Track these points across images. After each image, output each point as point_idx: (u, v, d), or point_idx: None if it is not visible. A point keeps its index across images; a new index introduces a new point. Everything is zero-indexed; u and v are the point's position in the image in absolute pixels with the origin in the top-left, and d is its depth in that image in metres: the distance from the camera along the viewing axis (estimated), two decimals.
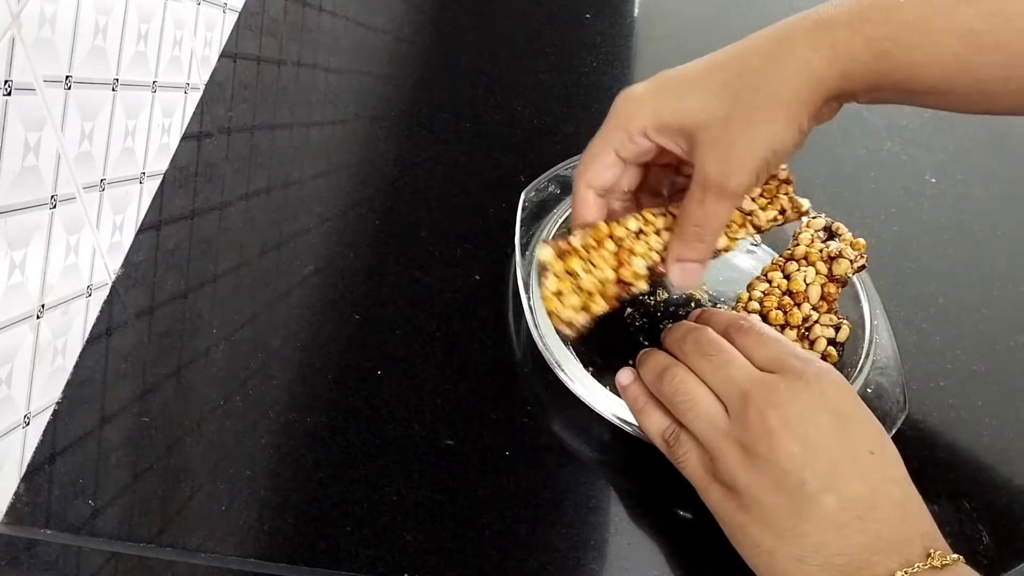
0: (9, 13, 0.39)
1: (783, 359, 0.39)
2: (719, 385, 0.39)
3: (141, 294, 0.52)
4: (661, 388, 0.41)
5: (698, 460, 0.40)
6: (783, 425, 0.36)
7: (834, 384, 0.38)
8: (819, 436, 0.36)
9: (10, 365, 0.43)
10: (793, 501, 0.36)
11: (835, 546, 0.35)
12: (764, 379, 0.38)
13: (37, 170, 0.43)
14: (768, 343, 0.40)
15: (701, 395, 0.40)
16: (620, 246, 0.43)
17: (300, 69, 0.69)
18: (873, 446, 0.37)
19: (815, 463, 0.36)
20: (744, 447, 0.37)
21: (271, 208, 0.59)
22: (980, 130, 0.68)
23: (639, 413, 0.43)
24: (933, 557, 0.34)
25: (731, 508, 0.38)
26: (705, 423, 0.39)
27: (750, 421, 0.37)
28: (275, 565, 0.42)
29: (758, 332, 0.41)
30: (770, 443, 0.36)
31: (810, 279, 0.49)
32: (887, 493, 0.36)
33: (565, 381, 0.47)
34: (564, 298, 0.43)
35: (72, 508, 0.43)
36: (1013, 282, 0.57)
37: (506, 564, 0.42)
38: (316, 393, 0.49)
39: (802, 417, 0.36)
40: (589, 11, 0.76)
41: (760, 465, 0.36)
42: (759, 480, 0.36)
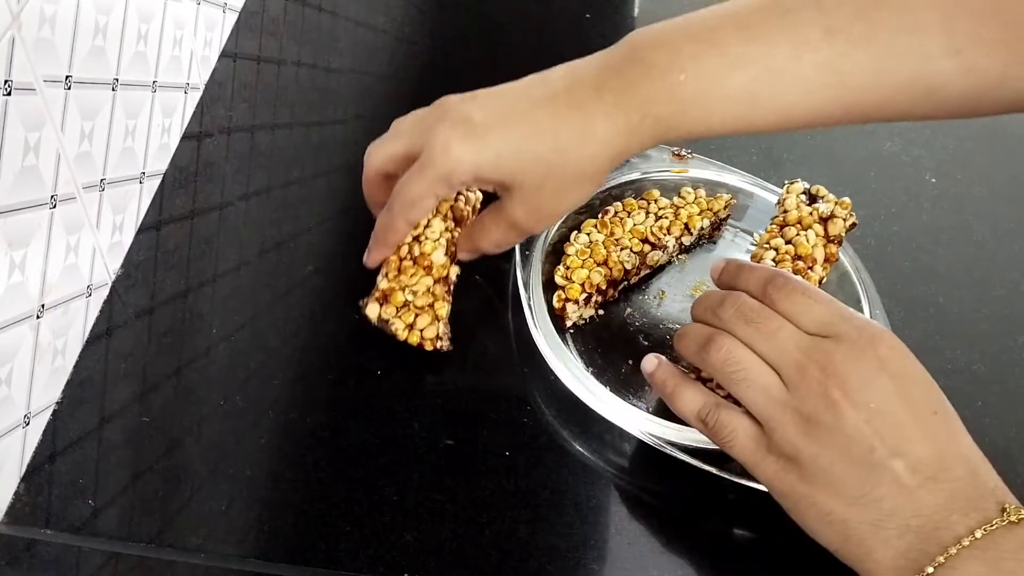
0: (9, 13, 0.39)
1: (834, 322, 0.38)
2: (771, 354, 0.39)
3: (141, 294, 0.52)
4: (708, 357, 0.40)
5: (747, 434, 0.39)
6: (845, 394, 0.36)
7: (889, 346, 0.38)
8: (882, 401, 0.36)
9: (10, 365, 0.43)
10: (863, 469, 0.35)
11: (910, 509, 0.35)
12: (819, 346, 0.38)
13: (37, 170, 0.43)
14: (813, 305, 0.39)
15: (753, 363, 0.39)
16: (418, 257, 0.49)
17: (300, 69, 0.69)
18: (936, 406, 0.37)
19: (882, 429, 0.36)
20: (804, 417, 0.37)
21: (271, 208, 0.59)
22: (980, 130, 0.68)
23: (672, 395, 0.42)
24: (1009, 512, 0.34)
25: (792, 480, 0.37)
26: (760, 392, 0.38)
27: (810, 391, 0.37)
28: (275, 565, 0.42)
29: (803, 293, 0.40)
30: (834, 413, 0.36)
31: (812, 241, 0.50)
32: (956, 452, 0.36)
33: (565, 381, 0.47)
34: (417, 326, 0.48)
35: (72, 508, 0.43)
36: (1013, 282, 0.57)
37: (506, 564, 0.42)
38: (316, 393, 0.49)
39: (863, 383, 0.36)
40: (589, 11, 0.76)
41: (824, 435, 0.36)
42: (825, 450, 0.36)
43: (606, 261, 0.52)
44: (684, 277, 0.56)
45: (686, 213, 0.55)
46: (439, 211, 0.53)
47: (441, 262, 0.50)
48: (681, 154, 0.59)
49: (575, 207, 0.45)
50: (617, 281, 0.53)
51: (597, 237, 0.54)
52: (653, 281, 0.55)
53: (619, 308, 0.53)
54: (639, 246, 0.53)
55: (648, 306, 0.54)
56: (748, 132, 0.40)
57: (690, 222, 0.55)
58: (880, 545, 0.35)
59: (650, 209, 0.56)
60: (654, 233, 0.54)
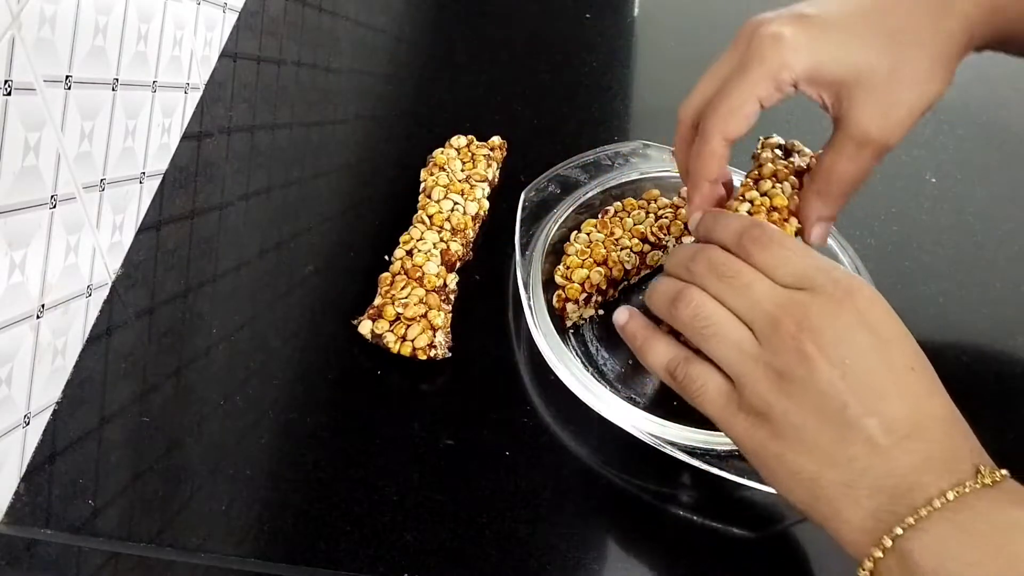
0: (9, 13, 0.39)
1: (810, 275, 0.36)
2: (743, 309, 0.37)
3: (141, 294, 0.52)
4: (677, 313, 0.38)
5: (717, 389, 0.37)
6: (819, 349, 0.34)
7: (867, 299, 0.36)
8: (858, 357, 0.34)
9: (10, 365, 0.43)
10: (836, 426, 0.34)
11: (883, 468, 0.33)
12: (793, 299, 0.36)
13: (37, 170, 0.43)
14: (790, 257, 0.37)
15: (724, 318, 0.37)
16: (409, 269, 0.50)
17: (300, 69, 0.69)
18: (914, 363, 0.35)
19: (856, 386, 0.34)
20: (778, 372, 0.35)
21: (271, 208, 0.59)
22: (980, 130, 0.68)
23: (640, 348, 0.40)
24: (983, 474, 0.33)
25: (762, 437, 0.36)
26: (731, 348, 0.36)
27: (783, 346, 0.35)
28: (275, 565, 0.42)
29: (778, 244, 0.37)
30: (807, 368, 0.34)
31: (788, 193, 0.46)
32: (931, 411, 0.35)
33: (565, 381, 0.47)
34: (408, 336, 0.48)
35: (72, 508, 0.43)
36: (1013, 282, 0.57)
37: (506, 564, 0.42)
38: (316, 393, 0.49)
39: (839, 338, 0.35)
40: (589, 11, 0.76)
41: (797, 391, 0.35)
42: (797, 406, 0.35)
43: (606, 261, 0.52)
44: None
45: (686, 213, 0.55)
46: (433, 223, 0.54)
47: (434, 272, 0.51)
48: None
49: (931, 104, 0.38)
50: (617, 281, 0.53)
51: (597, 237, 0.54)
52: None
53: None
54: (639, 246, 0.53)
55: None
56: None
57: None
58: (850, 505, 0.34)
59: (650, 209, 0.56)
60: (654, 233, 0.54)
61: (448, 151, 0.59)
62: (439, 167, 0.58)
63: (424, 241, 0.52)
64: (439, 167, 0.58)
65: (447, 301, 0.51)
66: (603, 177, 0.57)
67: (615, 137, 0.62)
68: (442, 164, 0.58)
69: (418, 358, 0.48)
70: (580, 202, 0.56)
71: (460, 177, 0.57)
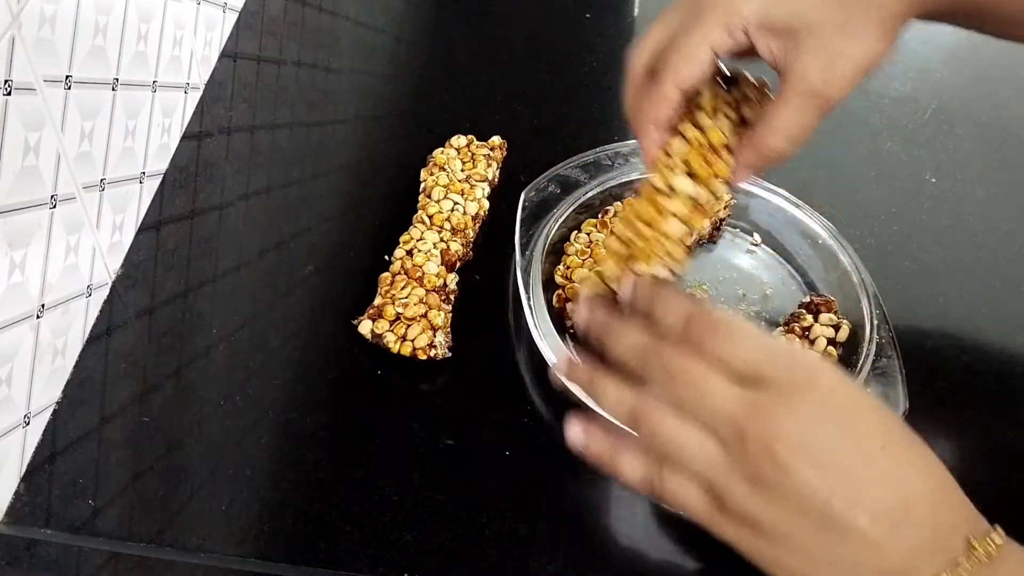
0: (9, 13, 0.39)
1: (765, 364, 0.34)
2: (705, 418, 0.35)
3: (141, 294, 0.52)
4: (637, 430, 0.37)
5: (698, 499, 0.35)
6: (789, 450, 0.33)
7: (828, 383, 0.34)
8: (828, 447, 0.34)
9: (10, 365, 0.43)
10: (822, 526, 0.33)
11: (873, 563, 0.33)
12: (754, 403, 0.34)
13: (37, 170, 0.43)
14: (741, 345, 0.35)
15: (686, 436, 0.35)
16: (410, 269, 0.50)
17: (300, 69, 0.69)
18: (884, 439, 0.34)
19: (833, 480, 0.33)
20: (752, 479, 0.34)
21: (271, 208, 0.59)
22: (980, 130, 0.68)
23: (611, 469, 0.38)
24: (976, 549, 0.32)
25: (752, 542, 0.35)
26: (699, 464, 0.35)
27: (751, 454, 0.34)
28: (275, 565, 0.42)
29: (727, 331, 0.35)
30: (781, 471, 0.33)
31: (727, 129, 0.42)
32: (915, 489, 0.34)
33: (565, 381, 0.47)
34: (408, 336, 0.48)
35: (72, 508, 0.43)
36: (1013, 282, 0.57)
37: (506, 564, 0.42)
38: (316, 393, 0.49)
39: (806, 432, 0.33)
40: (589, 11, 0.76)
41: (776, 495, 0.34)
42: (779, 510, 0.34)
43: None
44: (684, 277, 0.56)
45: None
46: (433, 223, 0.54)
47: (434, 272, 0.51)
48: None
49: (873, 62, 0.37)
50: None
51: (597, 237, 0.54)
52: None
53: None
54: None
55: None
56: None
57: None
58: None
59: None
60: None
61: (448, 151, 0.59)
62: (439, 167, 0.58)
63: (424, 241, 0.53)
64: (439, 167, 0.58)
65: (447, 301, 0.51)
66: (603, 177, 0.57)
67: (615, 137, 0.62)
68: (442, 164, 0.58)
69: (418, 358, 0.48)
70: (580, 202, 0.56)
71: (460, 177, 0.57)
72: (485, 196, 0.57)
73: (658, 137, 0.41)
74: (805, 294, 0.54)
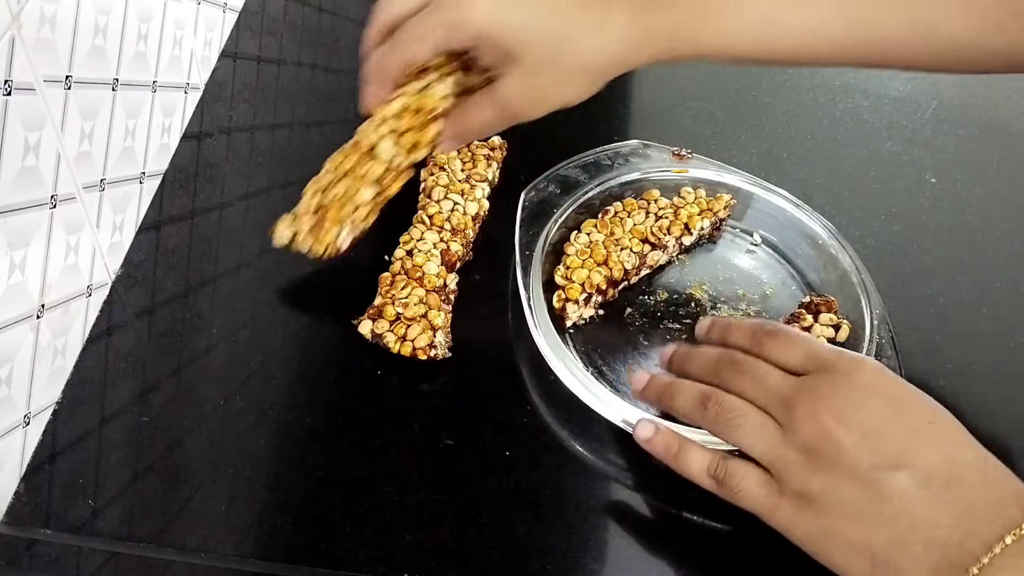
0: (9, 13, 0.39)
1: (815, 356, 0.39)
2: (761, 398, 0.39)
3: (141, 294, 0.52)
4: (706, 413, 0.41)
5: (757, 482, 0.39)
6: (836, 419, 0.36)
7: (871, 370, 0.38)
8: (875, 419, 0.36)
9: (10, 365, 0.43)
10: (871, 486, 0.35)
11: (930, 521, 0.34)
12: (803, 381, 0.38)
13: (37, 170, 0.43)
14: (795, 343, 0.41)
15: (747, 409, 0.39)
16: (410, 269, 0.51)
17: (300, 69, 0.69)
18: (931, 416, 0.37)
19: (880, 444, 0.35)
20: (805, 451, 0.37)
21: (271, 208, 0.59)
22: (980, 130, 0.68)
23: (677, 457, 0.42)
24: None
25: (808, 517, 0.37)
26: (758, 437, 0.39)
27: (801, 424, 0.37)
28: (275, 565, 0.42)
29: (784, 334, 0.42)
30: (830, 441, 0.36)
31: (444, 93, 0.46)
32: (963, 460, 0.35)
33: (565, 381, 0.47)
34: (408, 336, 0.48)
35: (72, 508, 0.43)
36: (1013, 282, 0.57)
37: (506, 564, 0.42)
38: (316, 393, 0.49)
39: (852, 406, 0.36)
40: None
41: (827, 464, 0.36)
42: (832, 478, 0.36)
43: (606, 261, 0.52)
44: (684, 277, 0.56)
45: (686, 213, 0.55)
46: (434, 223, 0.54)
47: (434, 272, 0.51)
48: (681, 154, 0.59)
49: (567, 104, 0.44)
50: (617, 281, 0.53)
51: (597, 237, 0.54)
52: (653, 281, 0.55)
53: (619, 308, 0.53)
54: (639, 246, 0.53)
55: (648, 306, 0.54)
56: (760, 59, 0.41)
57: (690, 222, 0.55)
58: (909, 563, 0.34)
59: (650, 209, 0.56)
60: (654, 233, 0.54)
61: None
62: (439, 167, 0.58)
63: (424, 241, 0.53)
64: (439, 167, 0.58)
65: (447, 301, 0.51)
66: (603, 177, 0.57)
67: (615, 137, 0.62)
68: (442, 164, 0.58)
69: (418, 358, 0.48)
70: (580, 202, 0.56)
71: (460, 177, 0.57)
72: (485, 196, 0.57)
73: (380, 92, 0.45)
74: (805, 294, 0.54)
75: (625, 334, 0.52)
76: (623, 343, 0.51)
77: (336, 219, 0.47)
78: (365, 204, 0.48)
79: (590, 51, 0.41)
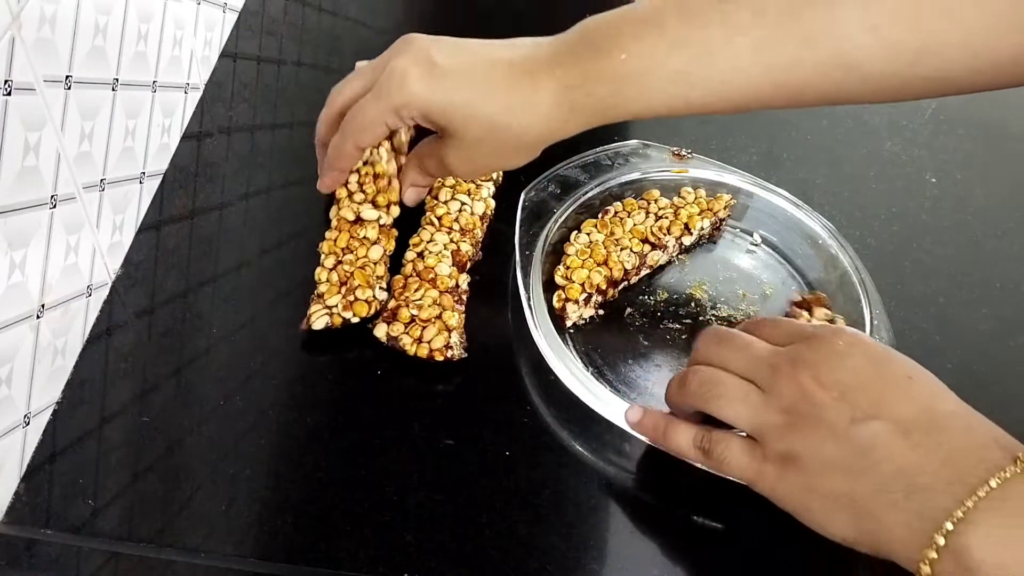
0: (9, 13, 0.39)
1: (799, 331, 0.40)
2: (744, 367, 0.40)
3: (141, 294, 0.52)
4: (687, 387, 0.41)
5: (740, 449, 0.39)
6: (815, 379, 0.37)
7: (854, 335, 0.39)
8: (853, 376, 0.37)
9: (10, 365, 0.43)
10: (851, 439, 0.35)
11: (912, 467, 0.34)
12: (786, 349, 0.39)
13: (37, 170, 0.43)
14: (782, 323, 0.42)
15: (728, 378, 0.40)
16: (422, 271, 0.52)
17: (300, 69, 0.69)
18: (910, 372, 0.37)
19: (857, 398, 0.36)
20: (786, 412, 0.37)
21: (271, 208, 0.59)
22: (980, 130, 0.68)
23: (664, 435, 0.43)
24: (1021, 458, 0.33)
25: (791, 477, 0.37)
26: (740, 404, 0.39)
27: (783, 387, 0.38)
28: (275, 565, 0.42)
29: (772, 320, 0.43)
30: (810, 399, 0.37)
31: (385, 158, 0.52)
32: (942, 409, 0.36)
33: (565, 381, 0.47)
34: (424, 338, 0.49)
35: (72, 508, 0.43)
36: (1013, 282, 0.57)
37: (506, 564, 0.42)
38: (316, 393, 0.49)
39: (832, 366, 0.37)
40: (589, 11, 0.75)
41: (808, 423, 0.36)
42: (812, 436, 0.36)
43: (606, 261, 0.52)
44: (684, 277, 0.56)
45: (686, 213, 0.55)
46: (442, 224, 0.54)
47: (447, 273, 0.51)
48: (681, 154, 0.59)
49: (506, 168, 0.47)
50: (617, 281, 0.53)
51: (597, 237, 0.54)
52: (653, 281, 0.55)
53: (619, 308, 0.53)
54: (639, 246, 0.53)
55: (648, 306, 0.54)
56: (686, 112, 0.42)
57: (690, 222, 0.55)
58: (889, 510, 0.34)
59: (650, 209, 0.56)
60: (654, 233, 0.54)
61: None
62: None
63: (435, 243, 0.53)
64: None
65: (460, 301, 0.51)
66: (603, 177, 0.57)
67: (615, 137, 0.62)
68: None
69: (435, 359, 0.48)
70: (580, 202, 0.56)
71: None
72: (491, 195, 0.57)
73: (341, 178, 0.51)
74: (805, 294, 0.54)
75: (625, 334, 0.52)
76: (623, 343, 0.52)
77: (364, 281, 0.50)
78: (379, 261, 0.52)
79: (525, 128, 0.43)
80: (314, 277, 0.51)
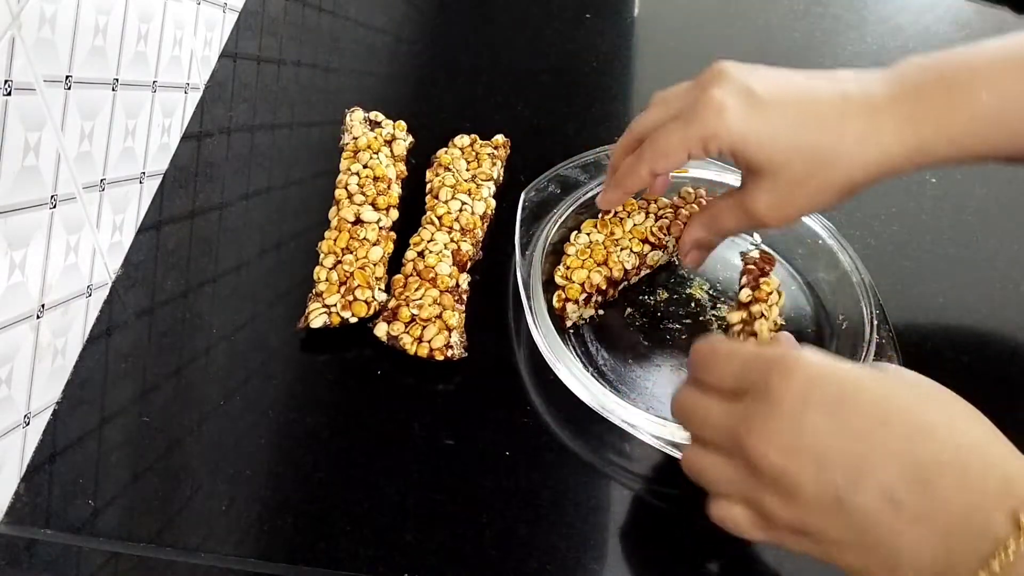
0: (9, 13, 0.39)
1: (745, 374, 0.35)
2: (717, 444, 0.36)
3: (141, 294, 0.52)
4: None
5: (745, 517, 0.36)
6: (782, 452, 0.33)
7: (800, 380, 0.34)
8: (819, 439, 0.33)
9: (10, 365, 0.43)
10: (844, 514, 0.32)
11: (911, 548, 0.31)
12: (743, 414, 0.35)
13: (37, 170, 0.43)
14: (723, 365, 0.36)
15: (710, 464, 0.36)
16: (422, 271, 0.52)
17: (300, 69, 0.69)
18: (882, 415, 0.33)
19: (833, 467, 0.32)
20: (775, 489, 0.34)
21: (271, 208, 0.59)
22: None
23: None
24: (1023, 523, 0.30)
25: (808, 546, 0.34)
26: (730, 487, 0.36)
27: (757, 463, 0.34)
28: (275, 565, 0.42)
29: (711, 358, 0.37)
30: (787, 476, 0.33)
31: (385, 163, 0.56)
32: (927, 458, 0.32)
33: (565, 381, 0.47)
34: (424, 337, 0.49)
35: (72, 508, 0.43)
36: (1013, 282, 0.57)
37: (506, 564, 0.42)
38: (316, 393, 0.49)
39: (792, 431, 0.33)
40: (589, 11, 0.76)
41: (796, 497, 0.33)
42: (807, 512, 0.33)
43: (606, 261, 0.52)
44: (684, 277, 0.56)
45: (686, 213, 0.55)
46: (443, 224, 0.54)
47: (447, 272, 0.51)
48: None
49: (819, 211, 0.43)
50: (617, 281, 0.53)
51: (597, 237, 0.54)
52: (653, 281, 0.55)
53: (619, 308, 0.53)
54: (639, 246, 0.53)
55: (648, 306, 0.54)
56: None
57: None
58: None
59: (650, 209, 0.56)
60: (654, 233, 0.54)
61: (452, 151, 0.59)
62: (444, 167, 0.58)
63: (435, 242, 0.53)
64: (444, 167, 0.58)
65: (460, 301, 0.51)
66: (603, 177, 0.57)
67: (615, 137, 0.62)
68: (447, 164, 0.58)
69: (435, 359, 0.48)
70: (580, 202, 0.55)
71: (466, 177, 0.57)
72: (492, 195, 0.57)
73: (623, 199, 0.48)
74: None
75: (625, 334, 0.52)
76: (623, 343, 0.52)
77: (364, 281, 0.50)
78: (379, 262, 0.52)
79: (855, 166, 0.40)
80: (313, 276, 0.51)
